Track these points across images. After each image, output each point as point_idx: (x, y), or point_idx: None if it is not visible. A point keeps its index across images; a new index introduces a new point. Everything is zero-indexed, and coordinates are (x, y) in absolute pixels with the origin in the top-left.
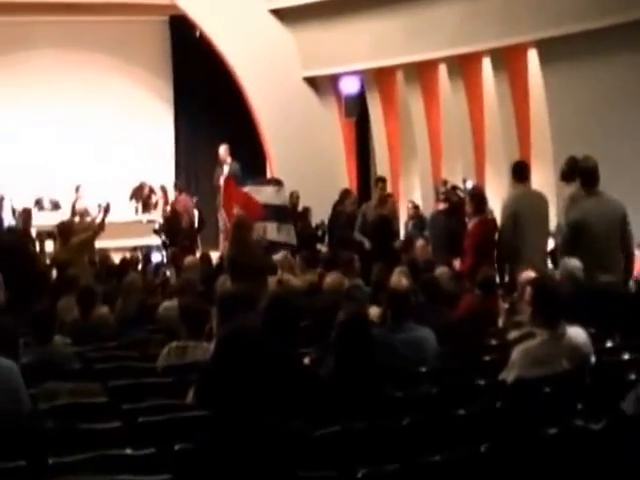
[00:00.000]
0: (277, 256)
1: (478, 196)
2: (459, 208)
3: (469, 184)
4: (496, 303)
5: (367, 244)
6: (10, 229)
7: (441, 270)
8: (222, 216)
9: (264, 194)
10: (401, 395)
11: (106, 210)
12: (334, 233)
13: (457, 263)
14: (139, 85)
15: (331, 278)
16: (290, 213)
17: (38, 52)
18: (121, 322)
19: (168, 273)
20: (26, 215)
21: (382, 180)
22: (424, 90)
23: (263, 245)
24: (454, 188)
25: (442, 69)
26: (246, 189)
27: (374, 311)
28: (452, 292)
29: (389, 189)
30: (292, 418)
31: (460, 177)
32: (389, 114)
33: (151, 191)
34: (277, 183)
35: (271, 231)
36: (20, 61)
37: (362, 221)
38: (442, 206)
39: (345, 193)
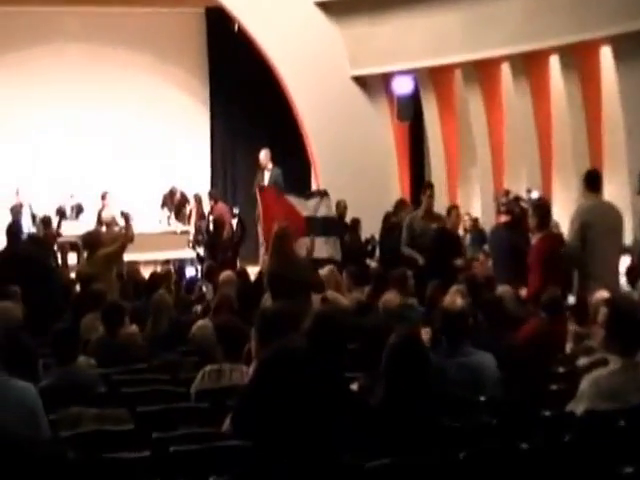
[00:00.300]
0: (322, 271)
1: (542, 208)
2: (521, 221)
3: (534, 195)
4: (564, 326)
5: (420, 260)
6: (31, 237)
7: (503, 289)
8: (261, 229)
9: (307, 207)
10: (458, 426)
11: (127, 219)
12: (386, 247)
13: (524, 292)
14: (172, 84)
15: (387, 297)
16: (336, 224)
17: (61, 46)
18: (151, 342)
19: (203, 289)
20: (46, 224)
21: (430, 186)
22: (485, 91)
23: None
24: (517, 199)
25: (505, 68)
26: (288, 198)
27: (425, 333)
28: (515, 313)
29: (445, 199)
30: (339, 450)
31: (524, 187)
32: (446, 117)
33: (183, 197)
34: (322, 194)
35: (318, 247)
36: (41, 56)
37: (409, 234)
38: (504, 219)
39: (401, 204)
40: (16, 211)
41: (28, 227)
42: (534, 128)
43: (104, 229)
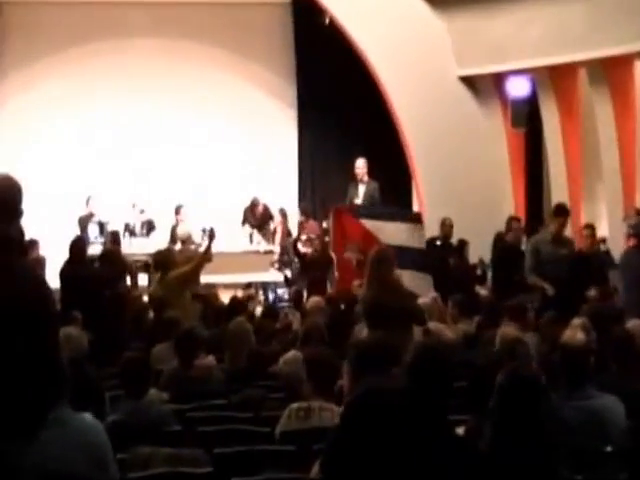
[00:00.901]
0: (424, 300)
1: None
2: None
3: None
4: None
5: (550, 290)
6: (105, 255)
7: (634, 323)
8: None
9: (388, 232)
10: (580, 479)
11: (211, 236)
12: (499, 273)
13: None
14: (254, 84)
15: (505, 330)
16: (429, 258)
17: (128, 42)
18: (231, 376)
19: (289, 317)
20: (115, 239)
21: (566, 213)
22: (614, 93)
23: None
24: None
25: (637, 66)
26: (365, 223)
27: None
28: None
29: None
30: None
31: None
32: (568, 123)
33: (266, 211)
34: (412, 219)
35: (406, 282)
36: (106, 52)
37: (535, 259)
38: (632, 242)
39: (513, 222)
40: (85, 223)
41: (95, 237)
42: None
43: (178, 247)
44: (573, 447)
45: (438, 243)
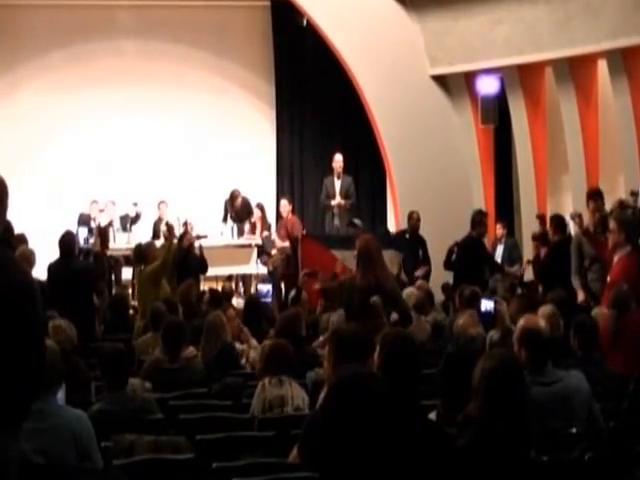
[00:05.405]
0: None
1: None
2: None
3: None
4: None
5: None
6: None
7: (598, 310)
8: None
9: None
10: (546, 460)
11: (169, 229)
12: (458, 265)
13: None
14: (235, 84)
15: (463, 320)
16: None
17: (113, 43)
18: (210, 365)
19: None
20: (102, 235)
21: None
22: (578, 90)
23: None
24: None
25: (601, 65)
26: (336, 254)
27: None
28: None
29: (535, 209)
30: None
31: (621, 195)
32: (535, 119)
33: (244, 203)
34: (387, 245)
35: None
36: (91, 54)
37: (579, 259)
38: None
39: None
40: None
41: (84, 238)
42: (634, 132)
43: (160, 242)
44: (541, 429)
45: (407, 236)
